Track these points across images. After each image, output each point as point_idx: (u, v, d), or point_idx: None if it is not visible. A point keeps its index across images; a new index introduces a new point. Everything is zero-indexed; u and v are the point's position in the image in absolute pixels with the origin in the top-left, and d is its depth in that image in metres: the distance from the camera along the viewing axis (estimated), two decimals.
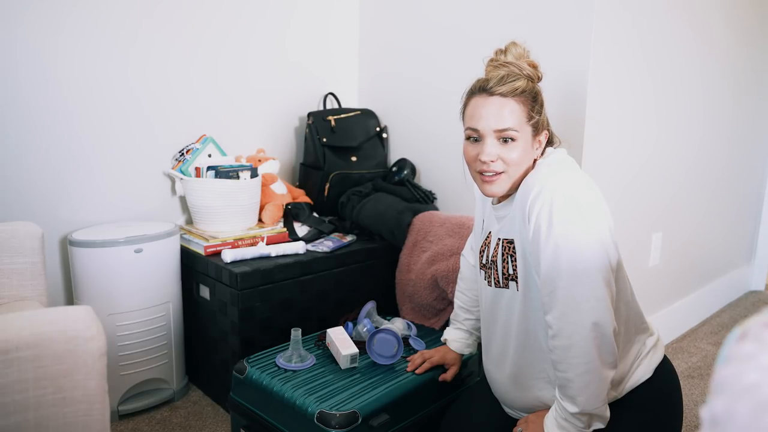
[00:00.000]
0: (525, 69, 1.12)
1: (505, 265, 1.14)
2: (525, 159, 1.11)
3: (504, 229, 1.16)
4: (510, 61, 1.13)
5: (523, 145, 1.10)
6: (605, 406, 1.05)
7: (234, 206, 1.95)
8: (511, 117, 1.08)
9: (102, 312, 1.68)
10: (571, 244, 1.00)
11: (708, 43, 2.33)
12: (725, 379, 0.35)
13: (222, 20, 2.14)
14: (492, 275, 1.19)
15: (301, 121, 2.44)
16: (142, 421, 1.79)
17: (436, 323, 1.93)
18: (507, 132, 1.08)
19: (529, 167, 1.14)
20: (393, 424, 1.34)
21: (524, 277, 1.11)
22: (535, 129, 1.12)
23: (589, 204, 1.03)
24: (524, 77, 1.11)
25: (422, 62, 2.28)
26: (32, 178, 1.79)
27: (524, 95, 1.09)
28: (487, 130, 1.09)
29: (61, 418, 0.96)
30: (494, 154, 1.09)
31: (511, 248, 1.13)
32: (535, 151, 1.14)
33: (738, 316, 2.77)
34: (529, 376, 1.16)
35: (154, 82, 2.00)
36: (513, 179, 1.12)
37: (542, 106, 1.13)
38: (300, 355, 1.47)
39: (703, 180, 2.52)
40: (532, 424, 1.12)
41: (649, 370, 1.16)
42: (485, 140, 1.10)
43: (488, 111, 1.09)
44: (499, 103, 1.08)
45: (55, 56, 1.78)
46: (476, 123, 1.11)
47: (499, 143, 1.09)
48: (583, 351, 1.01)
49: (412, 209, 2.08)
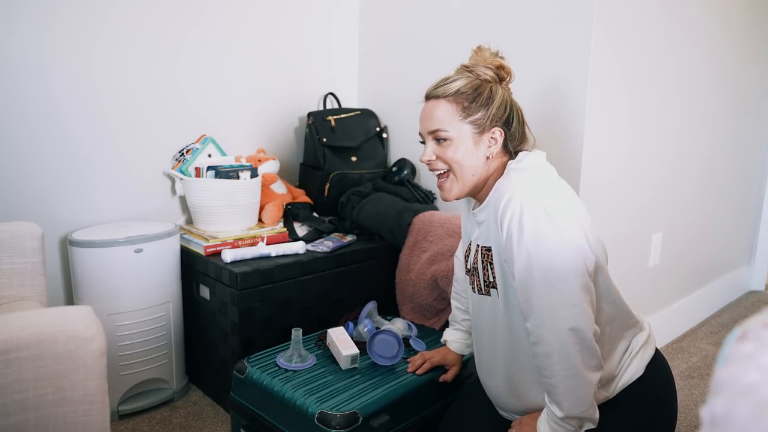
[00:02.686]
0: (482, 73, 1.14)
1: (485, 272, 1.14)
2: (468, 157, 1.12)
3: (482, 236, 1.16)
4: (467, 65, 1.17)
5: (460, 144, 1.12)
6: (593, 408, 1.05)
7: (234, 206, 1.95)
8: (441, 117, 1.12)
9: (102, 312, 1.68)
10: (543, 252, 1.00)
11: (709, 44, 2.33)
12: (725, 379, 0.35)
13: (223, 21, 2.14)
14: (475, 282, 1.19)
15: (301, 121, 2.44)
16: (142, 421, 1.79)
17: (436, 323, 1.93)
18: (437, 132, 1.13)
19: (494, 169, 1.15)
20: (393, 424, 1.34)
21: (503, 284, 1.11)
22: (478, 126, 1.12)
23: (559, 209, 1.03)
24: (471, 77, 1.13)
25: (422, 62, 2.28)
26: (32, 178, 1.79)
27: (458, 95, 1.12)
28: (424, 132, 1.16)
29: (61, 418, 0.96)
30: (430, 153, 1.14)
31: (489, 255, 1.13)
32: (487, 150, 1.13)
33: (738, 316, 2.77)
34: (521, 382, 1.16)
35: (155, 82, 2.00)
36: (464, 180, 1.13)
37: (489, 102, 1.12)
38: (300, 355, 1.47)
39: (703, 180, 2.52)
40: (526, 426, 1.12)
41: (640, 367, 1.15)
42: (426, 143, 1.16)
43: (424, 115, 1.16)
44: (432, 106, 1.14)
45: (55, 56, 1.78)
46: (420, 127, 1.17)
47: (437, 144, 1.14)
48: (563, 357, 1.01)
49: (412, 209, 2.08)
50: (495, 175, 1.15)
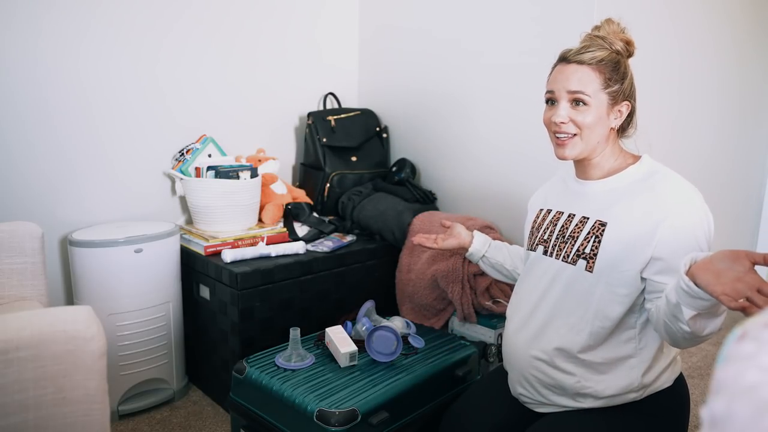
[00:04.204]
0: (615, 43, 1.16)
1: (584, 243, 1.14)
2: (599, 125, 1.14)
3: (594, 209, 1.16)
4: (600, 35, 1.17)
5: (596, 111, 1.13)
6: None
7: (234, 206, 1.94)
8: (583, 81, 1.12)
9: (102, 312, 1.68)
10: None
11: (709, 44, 2.33)
12: (725, 379, 0.35)
13: (224, 21, 2.14)
14: (557, 247, 1.19)
15: (301, 121, 2.44)
16: (142, 421, 1.79)
17: (436, 323, 1.93)
18: (579, 95, 1.13)
19: (611, 141, 1.17)
20: (392, 421, 1.34)
21: (606, 260, 1.10)
22: (613, 98, 1.14)
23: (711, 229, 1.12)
24: (608, 50, 1.15)
25: (422, 62, 2.28)
26: (32, 179, 1.79)
27: (601, 64, 1.13)
28: (561, 91, 1.14)
29: (61, 418, 0.96)
30: (565, 116, 1.14)
31: (602, 230, 1.12)
32: (613, 121, 1.16)
33: (738, 316, 2.76)
34: (553, 325, 1.17)
35: (155, 82, 2.00)
36: (588, 144, 1.15)
37: (624, 77, 1.16)
38: (299, 355, 1.47)
39: (704, 180, 2.52)
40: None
41: (670, 379, 1.17)
42: (559, 103, 1.15)
43: (565, 76, 1.14)
44: (576, 69, 1.14)
45: (55, 57, 1.78)
46: (551, 85, 1.17)
47: (571, 106, 1.14)
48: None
49: (412, 209, 2.08)
50: (610, 146, 1.18)
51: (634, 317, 1.12)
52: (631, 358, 1.12)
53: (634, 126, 1.23)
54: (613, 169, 1.17)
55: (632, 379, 1.12)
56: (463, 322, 1.88)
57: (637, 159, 1.19)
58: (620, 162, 1.18)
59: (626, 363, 1.12)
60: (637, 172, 1.15)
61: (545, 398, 1.19)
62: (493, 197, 2.08)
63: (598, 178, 1.18)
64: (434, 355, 1.54)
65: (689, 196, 1.10)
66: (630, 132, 1.23)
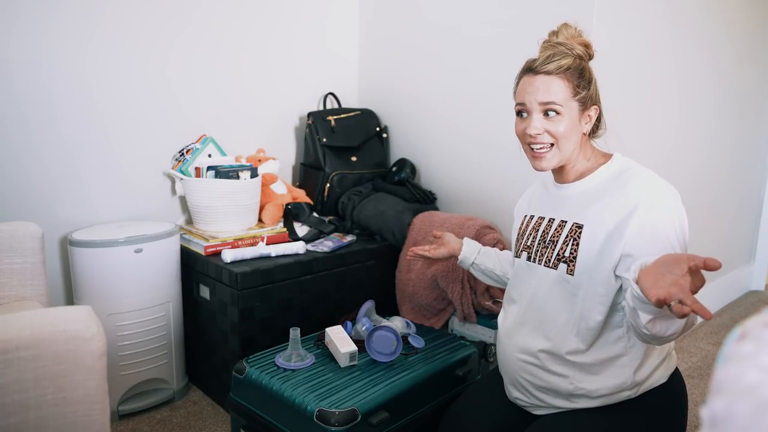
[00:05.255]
0: (575, 48, 1.16)
1: (563, 246, 1.15)
2: (573, 133, 1.15)
3: (571, 212, 1.16)
4: (560, 42, 1.17)
5: (568, 119, 1.13)
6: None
7: (234, 206, 1.94)
8: (555, 92, 1.13)
9: (102, 312, 1.68)
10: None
11: (709, 44, 2.33)
12: (725, 379, 0.35)
13: (221, 21, 2.14)
14: (539, 253, 1.19)
15: (301, 121, 2.44)
16: (142, 421, 1.79)
17: (436, 323, 1.93)
18: (552, 105, 1.13)
19: (582, 145, 1.17)
20: (392, 421, 1.34)
21: (585, 261, 1.11)
22: (582, 104, 1.15)
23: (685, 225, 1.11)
24: (572, 56, 1.15)
25: (422, 62, 2.28)
26: (32, 179, 1.79)
27: (569, 72, 1.13)
28: (533, 103, 1.14)
29: (61, 418, 0.96)
30: (540, 127, 1.14)
31: (578, 232, 1.13)
32: (585, 126, 1.17)
33: (738, 316, 2.77)
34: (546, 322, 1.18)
35: (155, 82, 2.00)
36: (564, 152, 1.15)
37: (590, 81, 1.17)
38: (299, 355, 1.47)
39: (703, 180, 2.52)
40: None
41: (665, 375, 1.17)
42: (532, 115, 1.15)
43: (534, 87, 1.14)
44: (545, 80, 1.14)
45: (55, 57, 1.78)
46: (522, 98, 1.16)
47: (544, 117, 1.14)
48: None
49: (412, 209, 2.08)
50: (582, 149, 1.19)
51: (619, 316, 1.12)
52: (622, 357, 1.12)
53: (603, 127, 1.24)
54: (587, 170, 1.18)
55: (624, 377, 1.12)
56: (463, 322, 1.88)
57: (608, 158, 1.19)
58: (592, 162, 1.19)
59: (617, 362, 1.12)
60: (608, 170, 1.16)
61: (541, 401, 1.19)
62: (493, 197, 2.08)
63: (573, 180, 1.19)
64: (434, 355, 1.54)
65: (658, 193, 1.10)
66: (600, 133, 1.24)
